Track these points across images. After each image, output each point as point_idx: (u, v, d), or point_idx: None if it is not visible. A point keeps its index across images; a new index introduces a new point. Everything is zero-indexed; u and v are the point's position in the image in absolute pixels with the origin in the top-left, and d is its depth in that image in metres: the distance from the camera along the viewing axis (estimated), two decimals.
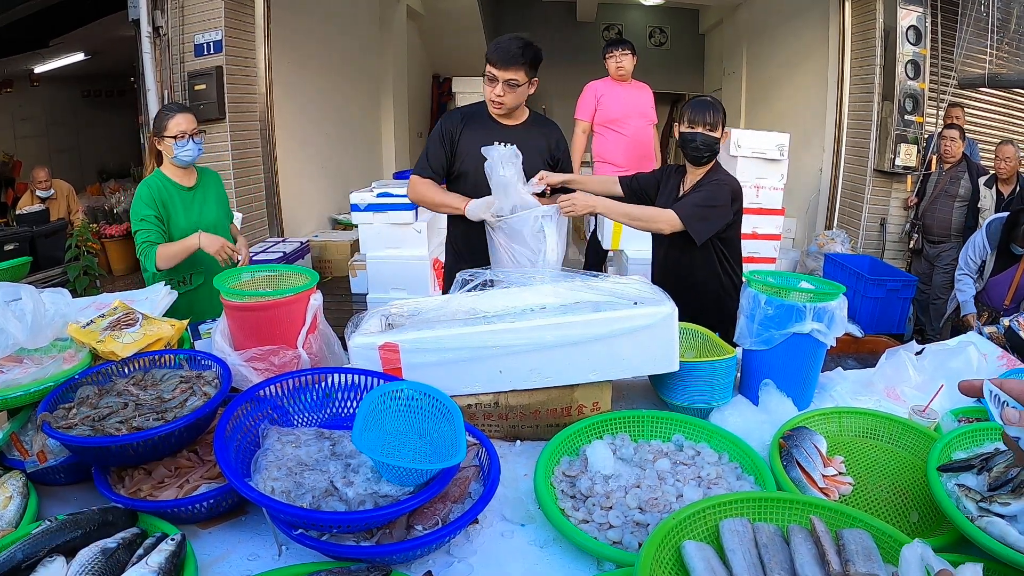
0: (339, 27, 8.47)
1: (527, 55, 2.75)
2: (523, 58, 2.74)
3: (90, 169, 11.19)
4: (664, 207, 2.88)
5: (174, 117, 3.14)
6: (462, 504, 1.54)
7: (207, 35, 5.66)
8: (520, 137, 2.89)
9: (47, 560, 1.27)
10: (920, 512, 1.62)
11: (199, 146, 3.22)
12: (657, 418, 1.90)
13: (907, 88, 6.33)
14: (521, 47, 2.73)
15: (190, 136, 3.14)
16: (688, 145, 2.86)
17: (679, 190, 3.00)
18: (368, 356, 1.85)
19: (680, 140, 2.89)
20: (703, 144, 2.83)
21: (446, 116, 3.05)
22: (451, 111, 3.10)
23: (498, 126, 2.96)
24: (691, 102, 2.92)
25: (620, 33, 14.05)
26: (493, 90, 2.81)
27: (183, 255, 3.02)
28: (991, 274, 4.44)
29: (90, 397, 1.69)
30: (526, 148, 2.81)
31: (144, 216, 3.08)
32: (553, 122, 3.16)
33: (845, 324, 2.07)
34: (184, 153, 3.15)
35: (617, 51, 5.40)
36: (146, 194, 3.12)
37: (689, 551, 1.25)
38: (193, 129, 3.16)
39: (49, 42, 8.96)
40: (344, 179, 8.19)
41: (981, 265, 4.55)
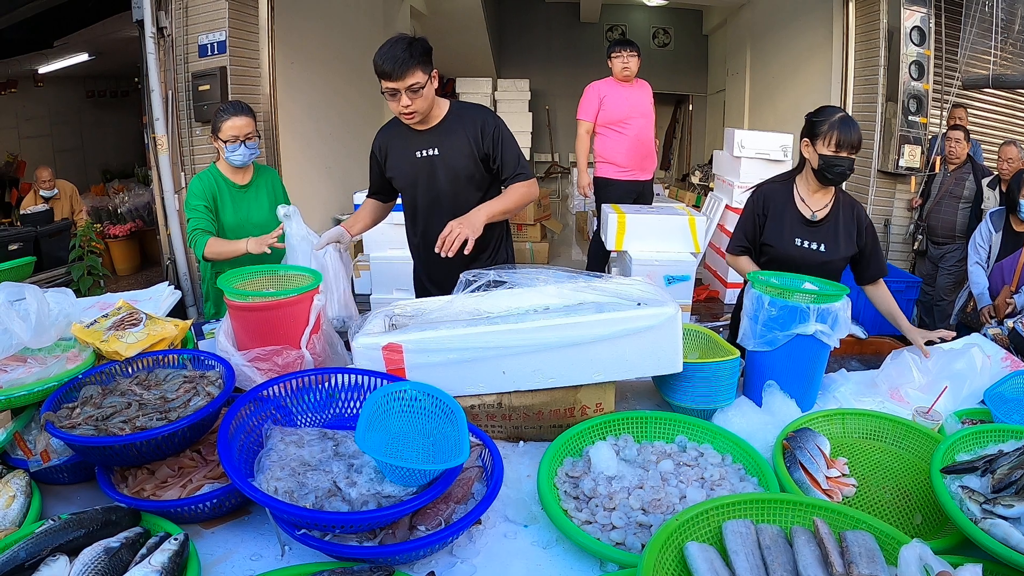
0: (342, 28, 8.47)
1: (416, 52, 2.53)
2: (413, 58, 2.52)
3: (94, 169, 11.20)
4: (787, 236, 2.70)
5: (229, 119, 3.13)
6: (465, 505, 1.54)
7: (211, 36, 5.66)
8: (439, 140, 2.76)
9: (50, 559, 1.28)
10: (924, 514, 1.62)
11: (252, 150, 3.21)
12: (660, 419, 1.90)
13: (911, 89, 6.31)
14: (406, 48, 2.51)
15: (243, 140, 3.14)
16: (832, 170, 2.57)
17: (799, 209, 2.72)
18: (371, 356, 1.85)
19: (821, 162, 2.58)
20: (849, 170, 2.58)
21: (375, 136, 2.93)
22: (379, 129, 2.94)
23: (415, 135, 2.77)
24: (834, 120, 2.56)
25: (624, 34, 14.06)
26: (399, 104, 2.59)
27: (230, 255, 3.01)
28: (996, 259, 4.47)
29: (94, 397, 1.70)
30: (449, 149, 2.74)
31: (195, 206, 3.12)
32: (477, 106, 2.91)
33: (849, 325, 2.07)
34: (235, 157, 3.17)
35: (624, 52, 5.39)
36: (197, 188, 3.17)
37: (692, 552, 1.25)
38: (247, 133, 3.15)
39: (53, 42, 8.97)
40: (347, 180, 8.17)
41: (988, 252, 4.59)
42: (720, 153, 6.74)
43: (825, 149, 2.56)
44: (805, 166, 2.72)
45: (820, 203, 2.70)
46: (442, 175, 2.78)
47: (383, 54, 2.50)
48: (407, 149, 2.79)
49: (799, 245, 2.69)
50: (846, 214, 2.70)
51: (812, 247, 2.67)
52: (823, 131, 2.56)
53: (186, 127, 5.81)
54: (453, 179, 2.78)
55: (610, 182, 5.51)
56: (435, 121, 2.76)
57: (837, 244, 2.67)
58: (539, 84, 13.06)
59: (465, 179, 2.79)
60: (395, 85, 2.53)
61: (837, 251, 2.66)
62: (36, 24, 7.82)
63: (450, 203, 2.79)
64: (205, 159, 5.84)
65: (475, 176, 2.80)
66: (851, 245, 2.67)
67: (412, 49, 2.52)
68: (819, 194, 2.71)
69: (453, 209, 2.72)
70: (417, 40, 2.56)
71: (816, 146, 2.59)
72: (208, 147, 5.80)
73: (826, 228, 2.69)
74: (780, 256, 2.72)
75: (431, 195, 2.83)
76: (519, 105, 11.73)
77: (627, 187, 5.52)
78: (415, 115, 2.64)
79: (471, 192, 2.81)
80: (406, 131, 2.78)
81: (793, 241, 2.69)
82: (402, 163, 2.81)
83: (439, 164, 2.77)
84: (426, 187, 2.82)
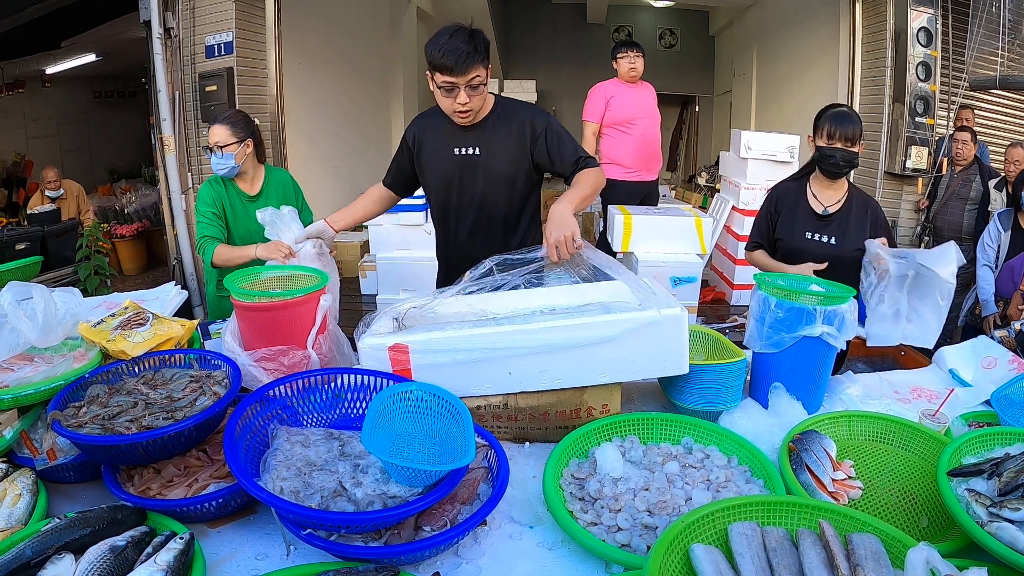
0: (349, 28, 8.49)
1: (479, 45, 2.35)
2: (478, 52, 2.33)
3: (101, 169, 11.24)
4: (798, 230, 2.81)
5: (210, 128, 3.13)
6: (471, 505, 1.54)
7: (218, 36, 5.68)
8: (482, 138, 2.58)
9: (56, 557, 1.28)
10: (930, 517, 1.61)
11: (223, 160, 3.11)
12: (666, 421, 1.90)
13: (918, 90, 6.30)
14: (468, 39, 2.32)
15: (217, 150, 3.08)
16: (827, 161, 2.71)
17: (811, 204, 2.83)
18: (378, 357, 1.85)
19: (817, 154, 2.74)
20: (843, 160, 2.69)
21: (409, 125, 2.75)
22: (414, 119, 2.76)
23: (456, 130, 2.59)
24: (829, 114, 2.73)
25: (630, 35, 14.06)
26: (455, 100, 2.40)
27: (239, 261, 2.88)
28: (1006, 258, 4.48)
29: (100, 396, 1.70)
30: (493, 150, 2.58)
31: (203, 212, 3.12)
32: (524, 104, 2.72)
33: (855, 327, 2.06)
34: (213, 165, 3.13)
35: (631, 53, 5.39)
36: (207, 194, 3.17)
37: (698, 554, 1.25)
38: (217, 142, 3.08)
39: (61, 43, 9.01)
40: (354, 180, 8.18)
41: (997, 252, 4.59)
42: (726, 154, 6.73)
43: (821, 141, 2.73)
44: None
45: (832, 198, 2.81)
46: (481, 176, 2.62)
47: (442, 46, 2.30)
48: (445, 144, 2.62)
49: (809, 238, 2.79)
50: (859, 209, 2.78)
51: (822, 240, 2.77)
52: (820, 124, 2.74)
53: (193, 128, 5.84)
54: (492, 182, 2.62)
55: (616, 183, 5.50)
56: (479, 117, 2.57)
57: (847, 237, 2.75)
58: (545, 84, 13.06)
59: (506, 183, 2.63)
60: (454, 80, 2.35)
61: (847, 243, 2.73)
62: (43, 25, 7.85)
63: (484, 207, 2.67)
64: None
65: (516, 181, 2.64)
66: (862, 238, 2.69)
67: (475, 41, 2.34)
68: (831, 190, 2.81)
69: (488, 213, 2.65)
70: (477, 31, 2.37)
71: (815, 139, 2.76)
72: None
73: (837, 222, 2.78)
74: (791, 249, 2.83)
75: (466, 197, 2.67)
76: None
77: (633, 188, 5.52)
78: (470, 114, 2.48)
79: (508, 197, 2.67)
80: (446, 124, 2.60)
81: (804, 234, 2.79)
82: (438, 159, 2.64)
83: (479, 164, 2.61)
84: (461, 187, 2.66)
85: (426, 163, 2.68)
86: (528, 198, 2.73)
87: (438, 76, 2.35)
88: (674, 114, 15.25)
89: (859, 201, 2.81)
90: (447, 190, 2.68)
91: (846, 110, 2.76)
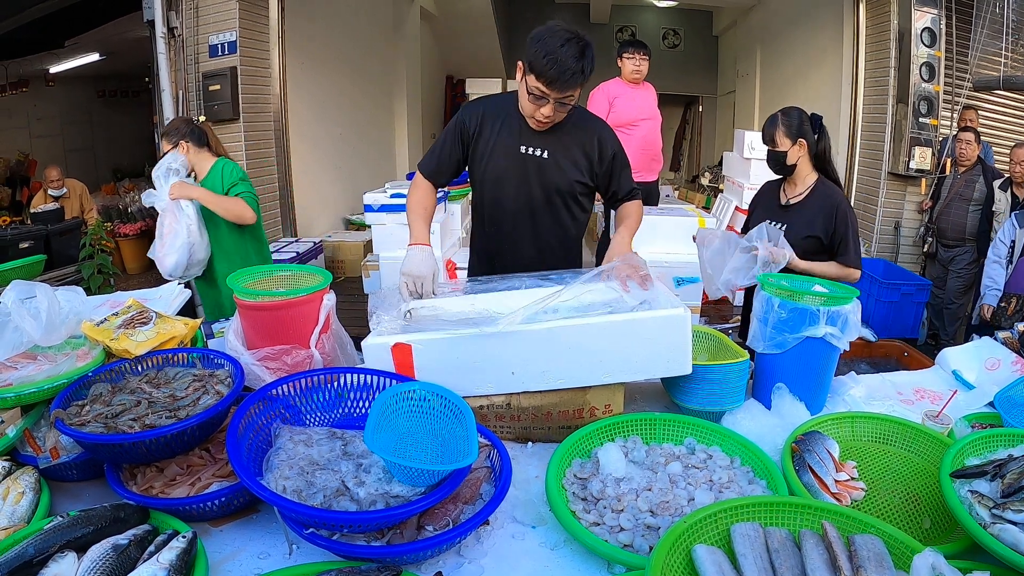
0: (352, 28, 8.49)
1: (587, 66, 2.18)
2: (584, 74, 2.18)
3: (105, 168, 11.27)
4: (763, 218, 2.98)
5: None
6: (473, 505, 1.54)
7: (221, 36, 5.68)
8: (551, 142, 2.46)
9: (58, 556, 1.28)
10: (933, 518, 1.61)
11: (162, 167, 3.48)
12: (669, 421, 1.90)
13: (922, 90, 6.29)
14: (578, 58, 2.15)
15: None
16: (769, 161, 3.03)
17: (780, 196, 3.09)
18: (381, 356, 1.85)
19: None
20: (771, 160, 3.00)
21: (466, 108, 2.56)
22: (472, 102, 2.57)
23: (526, 127, 2.44)
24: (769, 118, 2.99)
25: (634, 35, 14.04)
26: (539, 109, 2.28)
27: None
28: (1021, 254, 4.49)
29: (103, 394, 1.70)
30: (559, 156, 2.46)
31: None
32: (597, 118, 2.59)
33: (859, 328, 2.06)
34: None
35: (637, 54, 5.38)
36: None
37: (700, 555, 1.24)
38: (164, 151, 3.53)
39: (64, 42, 9.03)
40: (357, 180, 8.20)
41: (1011, 249, 4.60)
42: (730, 154, 6.73)
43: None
44: None
45: (793, 192, 3.03)
46: (541, 181, 2.50)
47: (552, 53, 2.13)
48: (512, 140, 2.46)
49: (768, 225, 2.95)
50: (819, 201, 2.96)
51: (778, 227, 2.93)
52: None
53: None
54: (552, 188, 2.52)
55: None
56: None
57: (797, 225, 2.95)
58: None
59: (564, 192, 2.53)
60: (549, 92, 2.21)
61: (795, 231, 2.91)
62: (47, 24, 7.86)
63: (537, 212, 2.56)
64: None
65: (573, 191, 2.55)
66: (814, 227, 2.92)
67: (585, 60, 2.17)
68: (792, 185, 3.05)
69: (540, 219, 2.57)
70: (589, 46, 2.19)
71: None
72: None
73: (794, 211, 3.00)
74: None
75: (521, 199, 2.53)
76: None
77: None
78: (548, 124, 2.38)
79: (561, 206, 2.57)
80: (515, 119, 2.45)
81: (766, 222, 2.91)
82: (500, 153, 2.47)
83: (544, 168, 2.48)
84: (518, 187, 2.52)
85: (483, 154, 2.51)
86: (581, 212, 2.64)
87: (532, 80, 2.21)
88: (677, 114, 15.24)
89: (822, 194, 2.97)
90: (502, 187, 2.53)
91: (780, 112, 2.97)
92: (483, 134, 2.49)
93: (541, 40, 2.16)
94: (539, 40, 2.16)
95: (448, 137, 2.53)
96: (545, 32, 2.18)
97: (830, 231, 2.89)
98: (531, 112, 2.32)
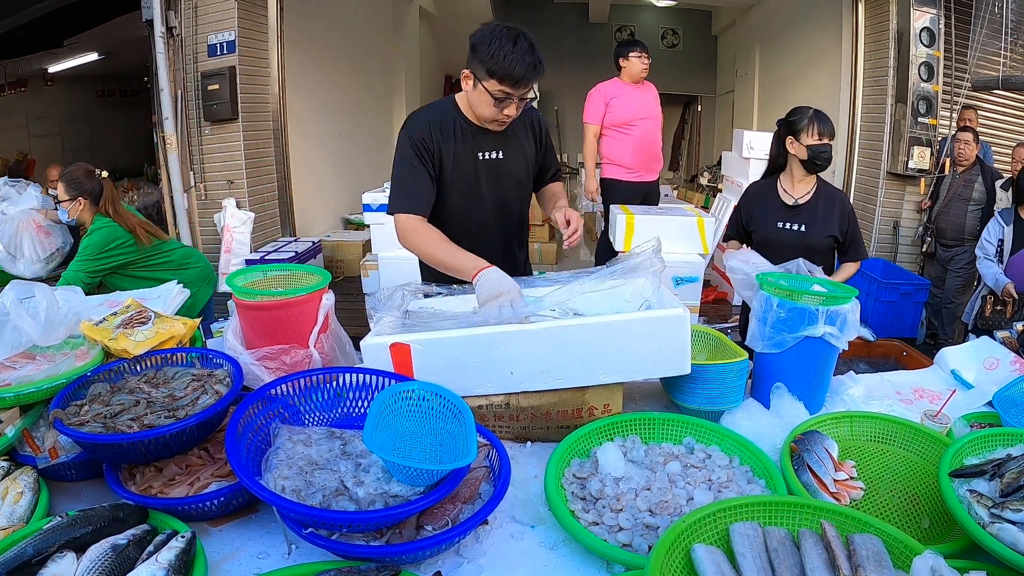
0: (351, 27, 8.49)
1: (542, 58, 2.19)
2: (543, 65, 2.18)
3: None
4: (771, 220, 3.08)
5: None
6: (472, 505, 1.54)
7: (220, 35, 5.68)
8: (503, 142, 2.45)
9: (57, 556, 1.28)
10: (931, 518, 1.61)
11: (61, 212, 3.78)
12: (668, 420, 1.90)
13: (920, 90, 6.29)
14: (532, 52, 2.16)
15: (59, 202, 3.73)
16: (820, 156, 2.96)
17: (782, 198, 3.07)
18: (380, 356, 1.85)
19: (809, 152, 2.96)
20: (830, 155, 2.97)
21: (410, 127, 2.40)
22: (410, 122, 2.43)
23: (478, 133, 2.41)
24: (811, 114, 2.96)
25: (632, 34, 14.05)
26: (503, 111, 2.25)
27: None
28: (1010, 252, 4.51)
29: (102, 394, 1.70)
30: (513, 154, 2.48)
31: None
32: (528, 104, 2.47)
33: (857, 328, 2.06)
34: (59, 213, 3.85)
35: (644, 53, 5.38)
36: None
37: (699, 555, 1.25)
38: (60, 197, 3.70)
39: (63, 42, 9.02)
40: (356, 179, 8.18)
41: (999, 248, 4.62)
42: (729, 154, 6.73)
43: (811, 140, 2.95)
44: (788, 163, 3.12)
45: (802, 191, 3.08)
46: (505, 181, 2.51)
47: (508, 54, 2.12)
48: (469, 149, 2.42)
49: (781, 227, 3.06)
50: (827, 201, 3.07)
51: (794, 228, 3.05)
52: (804, 126, 2.97)
53: (195, 126, 5.84)
54: (514, 186, 2.53)
55: (617, 183, 5.50)
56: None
57: (815, 224, 3.03)
58: (547, 84, 13.06)
59: (524, 186, 2.56)
60: (513, 92, 2.19)
61: (817, 231, 3.03)
62: (46, 24, 7.85)
63: (506, 213, 2.56)
64: (214, 158, 5.88)
65: (527, 183, 2.58)
66: (831, 227, 3.03)
67: (538, 53, 2.17)
68: (801, 184, 3.09)
69: (508, 219, 2.58)
70: (531, 36, 2.20)
71: (801, 139, 2.98)
72: (217, 145, 5.83)
73: (807, 211, 3.06)
74: (765, 239, 3.09)
75: (489, 204, 2.51)
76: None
77: (634, 188, 5.52)
78: (508, 122, 2.35)
79: (523, 198, 2.60)
80: (462, 127, 2.40)
81: (776, 224, 3.05)
82: (462, 165, 2.42)
83: (502, 169, 2.48)
84: (480, 193, 2.49)
85: (452, 169, 2.42)
86: (530, 197, 2.68)
87: (494, 84, 2.18)
88: (676, 114, 15.24)
89: (827, 193, 3.07)
90: (471, 199, 2.49)
91: (814, 109, 3.00)
92: (442, 147, 2.39)
93: (489, 44, 2.14)
94: (487, 45, 2.15)
95: (413, 165, 2.37)
96: (489, 35, 2.16)
97: (844, 229, 3.01)
98: (494, 116, 2.28)
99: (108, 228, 3.62)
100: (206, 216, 5.94)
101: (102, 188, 3.74)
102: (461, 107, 2.40)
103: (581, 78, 11.27)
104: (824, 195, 3.09)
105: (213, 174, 5.92)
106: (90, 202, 3.69)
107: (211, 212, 5.88)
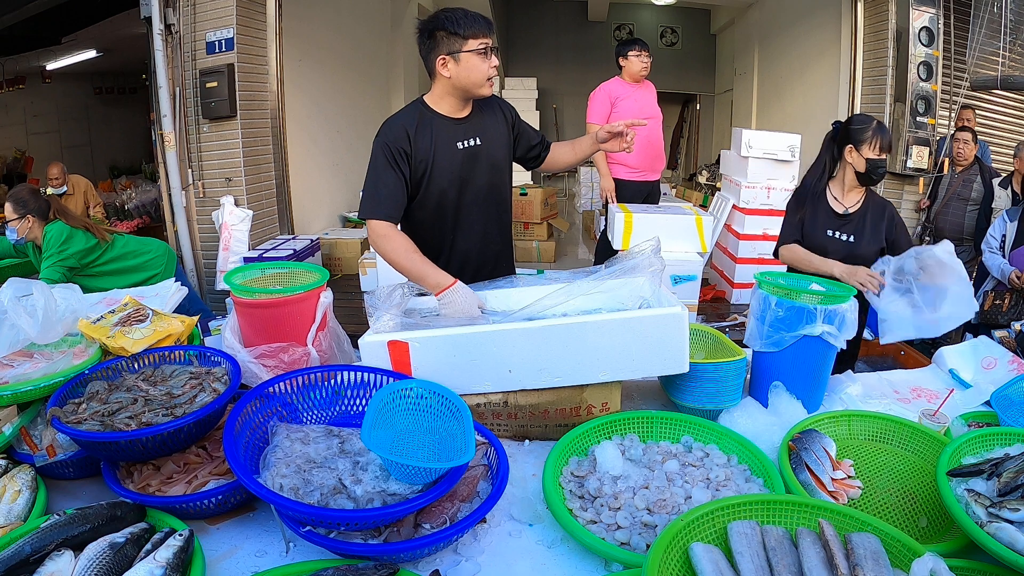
0: (350, 25, 8.48)
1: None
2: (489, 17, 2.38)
3: (102, 165, 11.25)
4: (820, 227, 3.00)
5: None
6: (470, 503, 1.54)
7: (219, 33, 5.67)
8: (479, 128, 2.51)
9: (55, 554, 1.28)
10: (929, 517, 1.61)
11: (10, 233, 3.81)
12: (666, 419, 1.90)
13: (919, 90, 6.29)
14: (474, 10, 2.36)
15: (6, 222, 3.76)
16: (876, 172, 2.88)
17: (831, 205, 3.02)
18: (378, 354, 1.85)
19: (868, 165, 2.86)
20: (886, 170, 2.94)
21: (385, 134, 2.44)
22: (384, 129, 2.46)
23: (452, 124, 2.46)
24: (874, 127, 2.86)
25: (631, 33, 14.07)
26: (490, 63, 2.35)
27: None
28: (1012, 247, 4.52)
29: (100, 392, 1.70)
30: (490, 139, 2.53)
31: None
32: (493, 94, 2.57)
33: (855, 326, 2.06)
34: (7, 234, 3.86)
35: (644, 52, 5.37)
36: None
37: (697, 553, 1.25)
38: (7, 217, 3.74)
39: (61, 39, 9.00)
40: (355, 177, 8.17)
41: (1001, 243, 4.64)
42: (727, 153, 6.72)
43: (871, 153, 2.85)
44: (839, 170, 3.02)
45: (852, 200, 3.00)
46: (485, 167, 2.53)
47: (467, 14, 2.31)
48: (447, 140, 2.44)
49: (830, 235, 2.98)
50: (876, 210, 2.99)
51: (842, 237, 2.96)
52: (867, 137, 2.85)
53: (193, 124, 5.82)
54: (495, 171, 2.57)
55: (621, 182, 5.50)
56: (469, 108, 2.50)
57: (863, 235, 2.95)
58: (546, 83, 13.06)
59: (504, 170, 2.61)
60: (489, 40, 2.33)
61: (864, 241, 2.93)
62: (44, 20, 7.84)
63: (491, 199, 2.59)
64: (212, 156, 5.86)
65: (505, 166, 2.63)
66: (879, 238, 2.94)
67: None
68: (852, 193, 3.00)
69: (494, 205, 2.61)
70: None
71: (862, 151, 2.87)
72: (215, 143, 5.82)
73: (856, 221, 2.97)
74: (813, 245, 3.00)
75: (473, 192, 2.54)
76: (526, 103, 11.71)
77: (637, 187, 5.52)
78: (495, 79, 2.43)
79: (506, 184, 2.65)
80: (437, 123, 2.44)
81: (825, 232, 2.97)
82: (443, 157, 2.44)
83: (482, 154, 2.51)
84: (466, 182, 2.51)
85: (432, 163, 2.44)
86: (510, 180, 2.73)
87: (473, 42, 2.31)
88: (675, 112, 15.26)
89: (875, 203, 2.99)
90: (455, 189, 2.51)
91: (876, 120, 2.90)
92: (418, 147, 2.42)
93: (448, 19, 2.32)
94: (448, 18, 2.32)
95: (387, 171, 2.42)
96: (437, 19, 2.36)
97: (891, 239, 2.95)
98: (486, 73, 2.37)
99: (59, 224, 3.77)
100: (204, 214, 5.92)
101: (49, 205, 3.86)
102: (432, 105, 2.48)
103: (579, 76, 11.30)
104: (873, 205, 3.00)
105: (211, 172, 5.90)
106: (38, 219, 3.79)
107: (209, 210, 5.86)
